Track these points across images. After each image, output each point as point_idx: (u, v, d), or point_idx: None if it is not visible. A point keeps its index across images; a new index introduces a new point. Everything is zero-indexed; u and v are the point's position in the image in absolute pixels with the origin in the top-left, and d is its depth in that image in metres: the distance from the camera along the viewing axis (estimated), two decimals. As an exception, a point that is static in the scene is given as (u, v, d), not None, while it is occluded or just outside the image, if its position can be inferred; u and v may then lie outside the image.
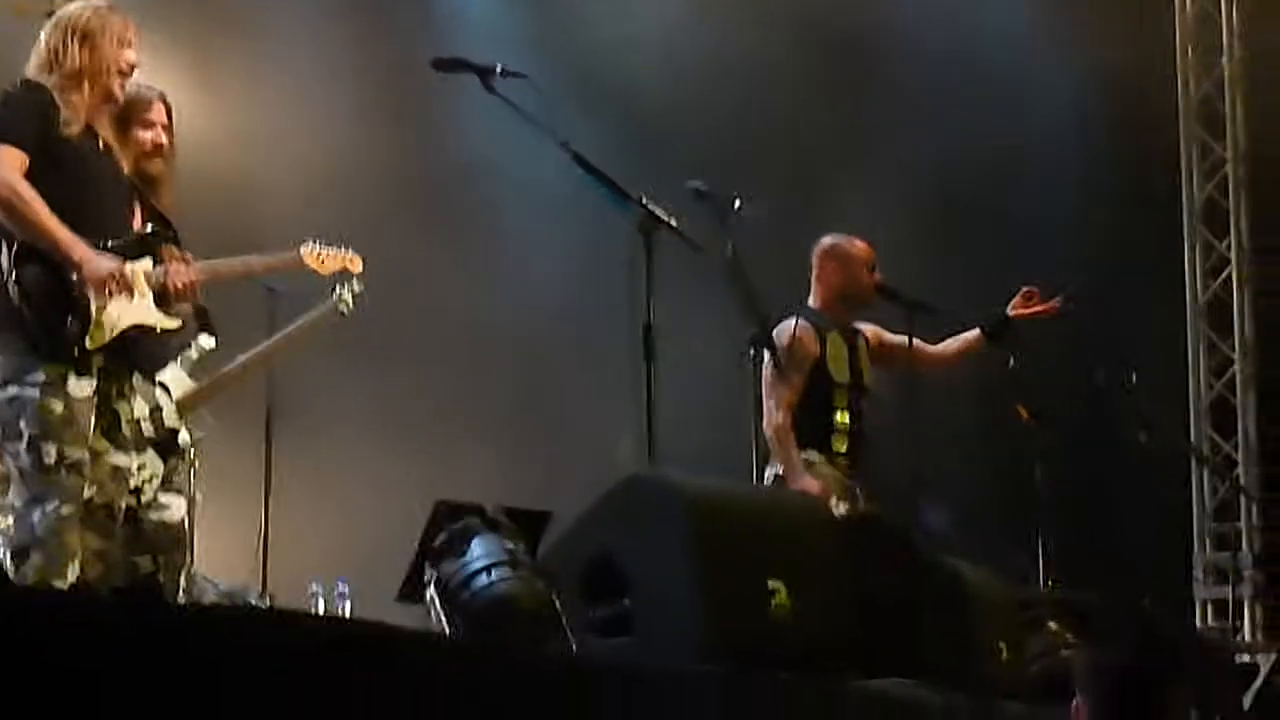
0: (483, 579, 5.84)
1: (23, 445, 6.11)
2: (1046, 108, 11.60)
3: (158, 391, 6.82)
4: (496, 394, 10.86)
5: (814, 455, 8.28)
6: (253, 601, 8.48)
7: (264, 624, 4.60)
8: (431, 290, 10.56)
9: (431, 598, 5.92)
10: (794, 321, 8.29)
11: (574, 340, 10.61)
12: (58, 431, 6.10)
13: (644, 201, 6.71)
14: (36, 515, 6.06)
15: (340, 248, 7.64)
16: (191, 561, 8.88)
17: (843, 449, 8.34)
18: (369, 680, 4.34)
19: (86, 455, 6.15)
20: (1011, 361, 9.38)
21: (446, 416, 10.60)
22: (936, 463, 9.05)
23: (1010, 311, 8.77)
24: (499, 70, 6.72)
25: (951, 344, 8.80)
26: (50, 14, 8.18)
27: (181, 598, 8.37)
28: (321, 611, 8.47)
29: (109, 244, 6.28)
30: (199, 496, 8.88)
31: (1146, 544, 10.73)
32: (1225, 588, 12.29)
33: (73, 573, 6.05)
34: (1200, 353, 12.72)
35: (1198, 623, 12.15)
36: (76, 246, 6.14)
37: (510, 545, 5.91)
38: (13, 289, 6.11)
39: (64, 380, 6.14)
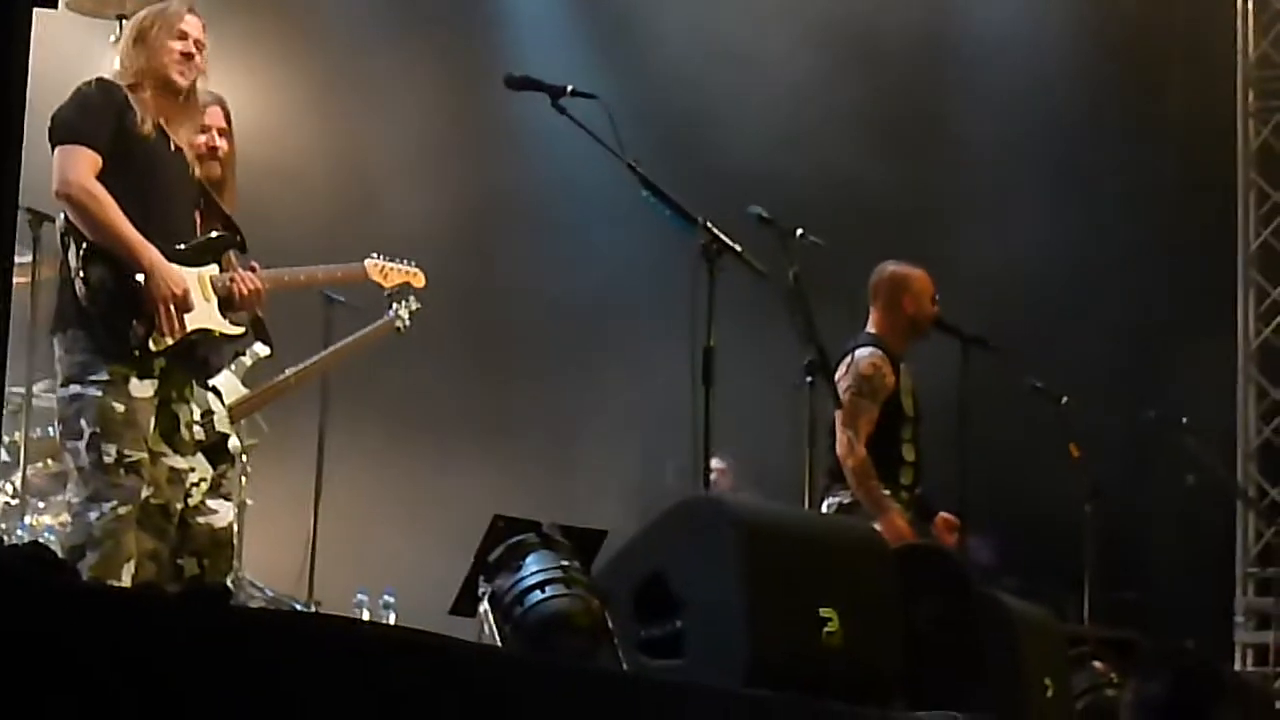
0: (536, 594, 5.83)
1: (83, 444, 6.15)
2: (1100, 150, 11.58)
3: (210, 396, 6.86)
4: (552, 411, 10.89)
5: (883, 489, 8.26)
6: (298, 608, 8.51)
7: (318, 629, 4.62)
8: (489, 306, 10.60)
9: (485, 611, 5.92)
10: (870, 350, 8.29)
11: (632, 360, 10.62)
12: (118, 431, 6.14)
13: (708, 224, 6.74)
14: (94, 514, 6.10)
15: (404, 262, 7.69)
16: (239, 566, 8.94)
17: (909, 482, 8.33)
18: (419, 690, 4.35)
19: (146, 456, 6.19)
20: (1064, 399, 9.39)
21: (501, 431, 10.64)
22: (984, 498, 9.06)
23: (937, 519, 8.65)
24: (569, 90, 6.76)
25: None
26: (121, 16, 8.27)
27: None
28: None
29: (176, 247, 6.32)
30: (248, 501, 8.97)
31: (1189, 586, 10.67)
32: (1266, 633, 12.25)
33: (127, 573, 6.09)
34: (1250, 397, 12.68)
35: (1237, 667, 12.10)
36: (146, 251, 6.17)
37: (565, 562, 5.91)
38: (80, 288, 6.14)
39: (126, 381, 6.18)
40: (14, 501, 7.99)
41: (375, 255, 7.58)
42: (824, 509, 8.09)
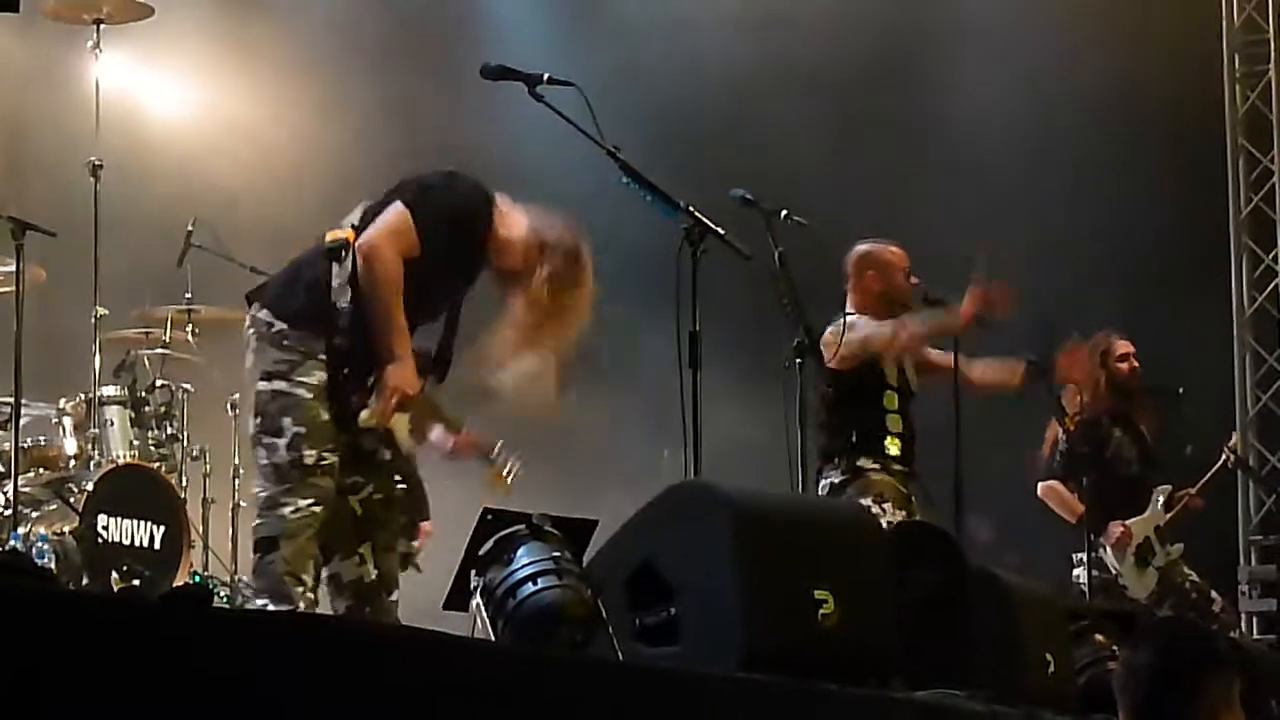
0: (529, 586, 5.81)
1: (284, 441, 6.13)
2: (1090, 119, 11.54)
3: None
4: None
5: (868, 462, 8.28)
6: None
7: (308, 629, 4.59)
8: (474, 296, 10.52)
9: (477, 605, 5.89)
10: (834, 325, 8.30)
11: (617, 348, 10.58)
12: (322, 435, 6.15)
13: (690, 208, 6.70)
14: (289, 509, 6.09)
15: None
16: (236, 569, 8.93)
17: (896, 453, 8.34)
18: (411, 687, 4.32)
19: (338, 460, 6.20)
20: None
21: (489, 424, 10.58)
22: (983, 475, 9.03)
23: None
24: (546, 78, 6.73)
25: (989, 371, 8.74)
26: (98, 21, 8.20)
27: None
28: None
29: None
30: (241, 504, 8.97)
31: (1192, 556, 10.61)
32: (1270, 600, 12.22)
33: (313, 568, 6.12)
34: (1246, 364, 12.63)
35: (1243, 636, 12.06)
36: (405, 341, 6.21)
37: (556, 553, 5.88)
38: (338, 316, 6.18)
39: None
40: (6, 511, 7.97)
41: None
42: (819, 491, 8.11)
